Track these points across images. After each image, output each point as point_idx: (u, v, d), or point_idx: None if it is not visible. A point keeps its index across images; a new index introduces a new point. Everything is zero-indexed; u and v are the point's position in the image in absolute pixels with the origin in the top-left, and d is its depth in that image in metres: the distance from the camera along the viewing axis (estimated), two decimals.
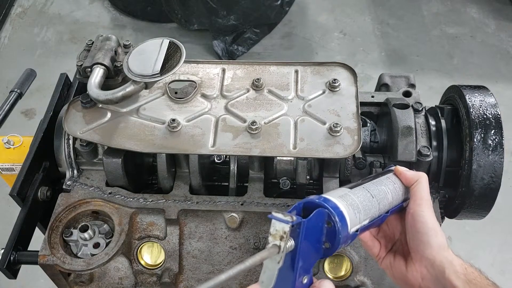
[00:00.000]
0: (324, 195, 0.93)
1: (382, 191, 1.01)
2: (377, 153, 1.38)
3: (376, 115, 1.45)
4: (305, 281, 0.85)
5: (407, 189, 1.06)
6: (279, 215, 0.80)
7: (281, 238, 0.79)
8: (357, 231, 0.93)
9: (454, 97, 1.38)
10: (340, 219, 0.88)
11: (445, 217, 1.42)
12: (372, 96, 1.46)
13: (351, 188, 0.99)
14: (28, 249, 1.29)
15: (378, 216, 0.99)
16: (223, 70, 1.41)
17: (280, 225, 0.79)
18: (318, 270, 1.28)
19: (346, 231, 0.89)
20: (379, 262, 1.08)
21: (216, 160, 1.41)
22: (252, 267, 0.75)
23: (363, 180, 1.06)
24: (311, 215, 0.86)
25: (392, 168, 1.10)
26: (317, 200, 0.90)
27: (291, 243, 0.80)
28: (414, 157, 1.25)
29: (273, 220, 0.80)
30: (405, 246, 1.04)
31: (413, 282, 0.99)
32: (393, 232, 1.08)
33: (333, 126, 1.23)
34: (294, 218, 0.79)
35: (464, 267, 0.94)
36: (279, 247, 0.78)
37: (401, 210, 1.06)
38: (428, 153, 1.27)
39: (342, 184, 1.33)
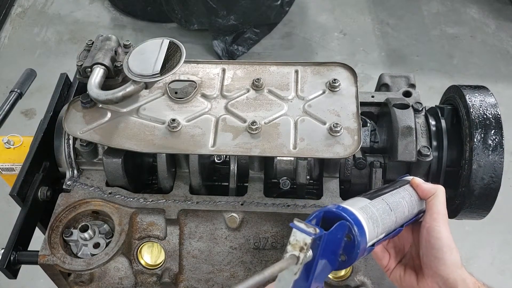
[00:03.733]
0: (345, 205, 0.89)
1: (400, 204, 0.98)
2: (377, 153, 1.38)
3: (376, 115, 1.45)
4: None
5: (422, 201, 1.03)
6: (302, 225, 0.77)
7: (301, 249, 0.76)
8: (373, 245, 0.91)
9: (454, 97, 1.38)
10: (361, 233, 0.86)
11: None
12: (372, 96, 1.46)
13: (370, 198, 0.96)
14: (28, 249, 1.29)
15: (394, 230, 0.97)
16: (223, 70, 1.41)
17: (302, 235, 0.76)
18: None
19: (364, 246, 0.87)
20: (388, 273, 1.06)
21: (216, 160, 1.41)
22: (271, 277, 0.72)
23: (381, 189, 1.03)
24: (333, 228, 0.83)
25: (409, 178, 1.07)
26: (339, 211, 0.87)
27: (309, 254, 0.78)
28: (414, 157, 1.25)
29: (294, 229, 0.77)
30: (416, 260, 1.02)
31: None
32: (403, 244, 1.07)
33: (333, 126, 1.23)
34: (317, 230, 0.77)
35: (477, 286, 0.93)
36: (298, 258, 0.76)
37: (414, 222, 1.03)
38: (428, 153, 1.27)
39: (342, 184, 1.33)
